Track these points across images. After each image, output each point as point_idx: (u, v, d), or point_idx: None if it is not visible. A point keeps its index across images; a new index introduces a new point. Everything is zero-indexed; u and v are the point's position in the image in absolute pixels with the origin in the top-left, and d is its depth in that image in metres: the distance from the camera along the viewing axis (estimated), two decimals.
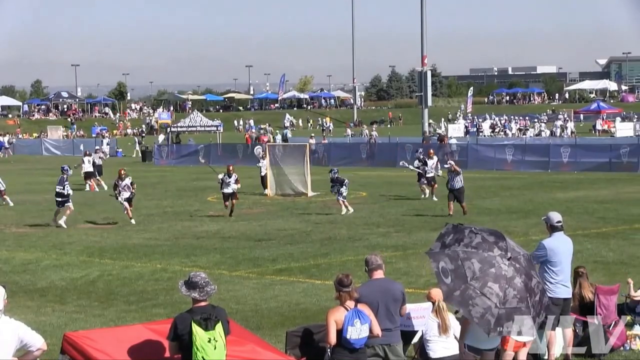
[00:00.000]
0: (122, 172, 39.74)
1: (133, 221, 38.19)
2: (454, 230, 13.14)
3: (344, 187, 40.39)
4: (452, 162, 38.66)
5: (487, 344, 13.19)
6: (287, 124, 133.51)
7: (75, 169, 49.74)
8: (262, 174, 51.24)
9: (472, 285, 12.59)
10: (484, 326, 12.50)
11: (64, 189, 37.94)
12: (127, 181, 39.17)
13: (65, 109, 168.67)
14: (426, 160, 45.17)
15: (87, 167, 57.55)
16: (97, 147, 73.33)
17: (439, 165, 45.44)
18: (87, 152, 61.01)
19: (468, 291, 12.60)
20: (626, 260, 25.89)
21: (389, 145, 79.27)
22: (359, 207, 42.33)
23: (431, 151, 47.59)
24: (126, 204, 38.97)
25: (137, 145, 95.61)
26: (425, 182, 44.82)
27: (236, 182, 40.42)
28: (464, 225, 13.53)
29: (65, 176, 38.50)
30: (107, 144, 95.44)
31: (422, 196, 44.42)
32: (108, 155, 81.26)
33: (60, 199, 37.98)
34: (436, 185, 44.16)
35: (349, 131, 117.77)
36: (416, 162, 46.23)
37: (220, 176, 40.89)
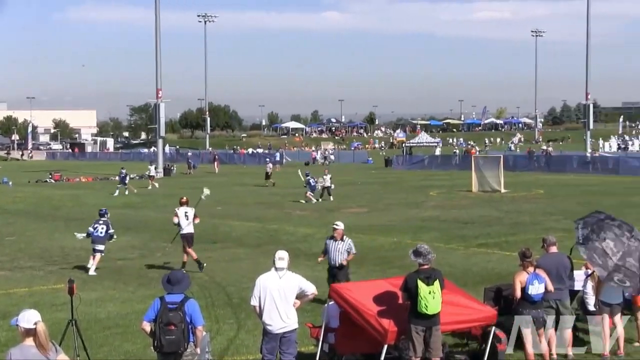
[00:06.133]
0: None
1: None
2: (596, 222, 13.26)
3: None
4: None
5: (614, 299, 13.32)
6: (487, 143, 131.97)
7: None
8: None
9: (611, 259, 12.75)
10: (614, 283, 12.79)
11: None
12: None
13: (334, 130, 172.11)
14: (311, 179, 43.89)
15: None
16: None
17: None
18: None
19: (607, 264, 12.75)
20: None
21: (561, 156, 77.13)
22: (537, 201, 41.36)
23: (326, 170, 46.90)
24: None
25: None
26: (312, 191, 43.40)
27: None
28: (604, 214, 13.75)
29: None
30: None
31: (311, 202, 42.49)
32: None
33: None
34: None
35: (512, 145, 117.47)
36: (311, 180, 43.99)
37: None
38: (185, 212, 22.49)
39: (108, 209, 24.15)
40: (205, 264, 22.53)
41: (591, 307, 14.65)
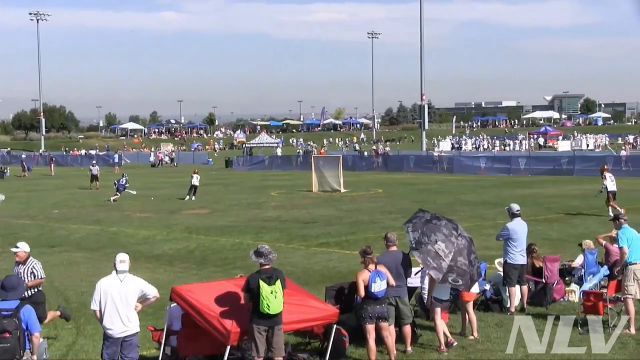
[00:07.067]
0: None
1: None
2: (424, 223, 13.72)
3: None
4: None
5: (444, 296, 13.90)
6: (325, 143, 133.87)
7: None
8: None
9: (444, 261, 13.27)
10: (449, 283, 13.39)
11: None
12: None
13: (173, 131, 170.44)
14: (122, 180, 45.58)
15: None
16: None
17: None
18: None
19: (442, 266, 13.26)
20: (565, 238, 25.64)
21: (398, 156, 78.95)
22: (376, 200, 42.29)
23: (195, 170, 47.36)
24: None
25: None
26: (117, 191, 44.62)
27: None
28: (428, 213, 14.22)
29: None
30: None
31: (109, 200, 43.76)
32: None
33: None
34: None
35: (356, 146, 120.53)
36: (121, 181, 45.55)
37: None
38: None
39: None
40: None
41: (426, 301, 15.22)
